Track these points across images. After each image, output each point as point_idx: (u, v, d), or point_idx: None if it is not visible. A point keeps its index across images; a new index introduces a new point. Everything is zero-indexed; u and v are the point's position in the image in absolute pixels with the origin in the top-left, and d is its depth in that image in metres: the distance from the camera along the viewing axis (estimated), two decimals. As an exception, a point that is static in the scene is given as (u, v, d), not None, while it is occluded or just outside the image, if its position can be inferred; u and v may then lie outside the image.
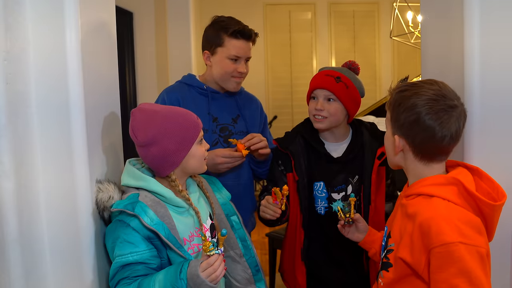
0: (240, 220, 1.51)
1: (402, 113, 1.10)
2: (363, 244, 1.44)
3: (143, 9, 3.65)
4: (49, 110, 1.12)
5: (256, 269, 1.47)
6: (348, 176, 1.64)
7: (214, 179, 1.56)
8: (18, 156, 1.05)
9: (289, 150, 1.65)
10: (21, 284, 1.05)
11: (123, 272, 1.20)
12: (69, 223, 1.17)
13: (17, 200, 1.04)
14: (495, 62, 1.26)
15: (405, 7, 3.95)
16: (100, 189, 1.26)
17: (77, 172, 1.17)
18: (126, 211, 1.20)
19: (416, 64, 5.16)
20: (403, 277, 1.10)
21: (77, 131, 1.16)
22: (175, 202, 1.30)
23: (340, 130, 1.66)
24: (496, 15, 1.26)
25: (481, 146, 1.28)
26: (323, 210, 1.64)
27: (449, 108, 1.08)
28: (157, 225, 1.21)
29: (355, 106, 1.62)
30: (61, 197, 1.15)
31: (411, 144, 1.12)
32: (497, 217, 1.10)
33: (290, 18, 5.50)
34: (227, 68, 1.74)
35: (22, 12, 1.08)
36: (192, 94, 1.80)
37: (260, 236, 3.86)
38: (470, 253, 0.98)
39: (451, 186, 1.08)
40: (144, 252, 1.21)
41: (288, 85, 5.57)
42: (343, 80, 1.59)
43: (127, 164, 1.35)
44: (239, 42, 1.72)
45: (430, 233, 1.02)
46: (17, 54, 1.06)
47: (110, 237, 1.25)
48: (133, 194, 1.26)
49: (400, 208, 1.19)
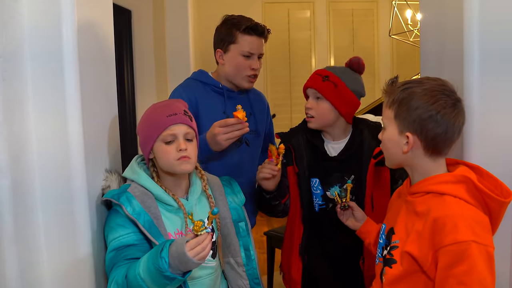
0: (249, 227, 1.47)
1: (415, 110, 1.10)
2: (359, 233, 1.46)
3: (141, 7, 3.64)
4: (46, 108, 1.12)
5: (255, 281, 1.43)
6: (343, 175, 1.62)
7: (232, 181, 1.53)
8: (14, 153, 1.04)
9: (290, 143, 1.66)
10: (16, 282, 1.04)
11: (116, 256, 1.22)
12: (66, 220, 1.16)
13: (13, 198, 1.03)
14: (494, 59, 1.26)
15: (404, 5, 3.95)
16: (106, 177, 1.35)
17: (73, 169, 1.16)
18: (112, 200, 1.27)
19: (415, 62, 5.15)
20: (408, 274, 1.11)
21: (74, 130, 1.16)
22: (164, 200, 1.32)
23: (337, 129, 1.64)
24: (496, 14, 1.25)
25: (480, 144, 1.28)
26: (318, 208, 1.64)
27: (457, 102, 1.11)
28: (138, 215, 1.24)
29: (346, 106, 1.59)
30: (57, 194, 1.14)
31: (423, 141, 1.12)
32: (502, 214, 1.11)
33: (289, 16, 5.49)
34: (241, 65, 1.74)
35: (19, 9, 1.07)
36: (208, 93, 1.78)
37: (258, 234, 3.85)
38: (481, 252, 1.00)
39: (461, 184, 1.09)
40: (133, 233, 1.24)
41: (286, 83, 5.56)
42: (331, 79, 1.57)
43: (133, 159, 1.40)
44: (252, 38, 1.73)
45: (444, 230, 1.03)
46: (13, 51, 1.05)
47: (106, 225, 1.30)
48: (124, 185, 1.33)
49: (405, 205, 1.19)
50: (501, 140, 1.28)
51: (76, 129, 1.16)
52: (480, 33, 1.25)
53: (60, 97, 1.13)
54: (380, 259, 1.23)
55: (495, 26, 1.25)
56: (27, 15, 1.08)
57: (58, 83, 1.13)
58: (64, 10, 1.12)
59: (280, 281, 2.00)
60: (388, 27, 4.10)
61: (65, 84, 1.13)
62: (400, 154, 1.17)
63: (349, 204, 1.46)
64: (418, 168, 1.17)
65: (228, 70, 1.77)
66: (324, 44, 5.56)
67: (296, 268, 1.67)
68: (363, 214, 1.47)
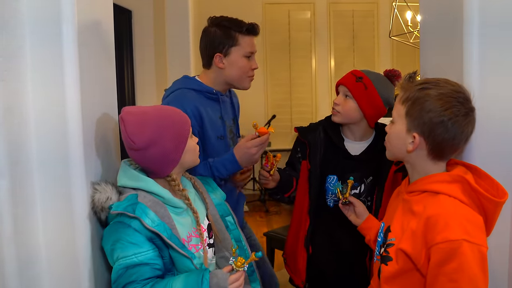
0: (235, 220, 1.51)
1: (427, 113, 1.10)
2: (361, 229, 1.47)
3: (142, 7, 3.65)
4: (45, 108, 1.11)
5: (251, 269, 1.46)
6: (362, 175, 1.67)
7: (209, 179, 1.55)
8: (13, 154, 1.04)
9: (307, 140, 1.71)
10: (15, 283, 1.04)
11: (128, 275, 1.18)
12: (65, 223, 1.16)
13: (11, 198, 1.03)
14: (495, 62, 1.26)
15: (405, 6, 3.95)
16: (97, 189, 1.24)
17: (72, 170, 1.16)
18: (127, 213, 1.18)
19: (415, 64, 5.15)
20: (403, 271, 1.11)
21: (73, 132, 1.15)
22: (173, 203, 1.29)
23: (359, 130, 1.69)
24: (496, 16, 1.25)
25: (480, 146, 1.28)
26: (332, 203, 1.70)
27: (470, 111, 1.11)
28: (159, 226, 1.20)
29: (372, 109, 1.63)
30: (56, 195, 1.14)
31: (429, 144, 1.12)
32: (498, 214, 1.12)
33: (289, 17, 5.50)
34: (245, 67, 1.73)
35: (19, 9, 1.08)
36: (203, 100, 1.72)
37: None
38: (473, 251, 1.00)
39: (456, 184, 1.10)
40: (148, 252, 1.20)
41: (287, 84, 5.57)
42: (364, 81, 1.62)
43: (122, 164, 1.33)
44: (251, 38, 1.73)
45: (436, 229, 1.03)
46: (13, 51, 1.05)
47: (109, 240, 1.22)
48: (131, 195, 1.23)
49: (402, 204, 1.20)
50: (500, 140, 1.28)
51: (76, 130, 1.16)
52: (480, 33, 1.25)
53: (60, 97, 1.13)
54: (378, 257, 1.24)
55: (495, 28, 1.26)
56: (27, 15, 1.08)
57: (58, 84, 1.13)
58: (64, 10, 1.11)
59: (281, 281, 2.01)
60: (388, 28, 4.10)
61: (65, 85, 1.13)
62: (403, 151, 1.18)
63: (349, 200, 1.49)
64: (418, 167, 1.18)
65: (230, 73, 1.73)
66: (325, 45, 5.57)
67: (301, 258, 1.73)
68: (364, 210, 1.49)
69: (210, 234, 1.40)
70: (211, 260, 1.39)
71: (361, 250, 1.66)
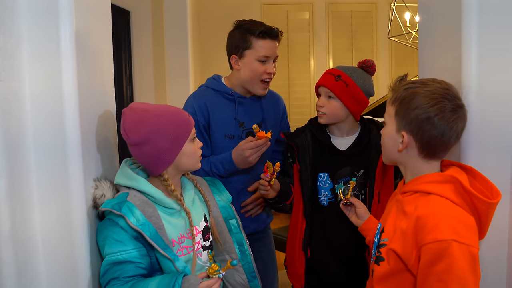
0: (239, 224, 1.50)
1: (413, 110, 1.11)
2: (361, 230, 1.47)
3: (140, 7, 3.64)
4: (43, 108, 1.11)
5: (252, 275, 1.46)
6: (353, 169, 1.68)
7: (216, 181, 1.55)
8: (11, 153, 1.04)
9: (294, 142, 1.72)
10: (13, 282, 1.04)
11: (113, 271, 1.21)
12: (63, 220, 1.16)
13: (9, 198, 1.03)
14: (493, 62, 1.26)
15: (403, 7, 3.96)
16: (96, 186, 1.28)
17: (70, 170, 1.16)
18: (113, 211, 1.21)
19: (414, 64, 5.16)
20: (394, 272, 1.11)
21: (71, 130, 1.15)
22: (165, 203, 1.29)
23: (346, 126, 1.71)
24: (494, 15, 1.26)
25: (477, 147, 1.28)
26: (326, 201, 1.69)
27: (458, 107, 1.11)
28: (143, 226, 1.21)
29: (356, 104, 1.65)
30: (54, 194, 1.14)
31: (418, 141, 1.13)
32: (491, 215, 1.11)
33: (288, 18, 5.50)
34: (257, 70, 1.76)
35: (17, 9, 1.07)
36: (219, 100, 1.81)
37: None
38: (462, 251, 1.00)
39: (448, 184, 1.10)
40: (132, 251, 1.22)
41: (285, 85, 5.57)
42: (343, 78, 1.64)
43: (122, 163, 1.35)
44: (267, 42, 1.75)
45: (425, 229, 1.03)
46: (10, 51, 1.05)
47: (101, 235, 1.26)
48: (122, 194, 1.27)
49: (396, 204, 1.20)
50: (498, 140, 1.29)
51: (74, 129, 1.16)
52: (479, 33, 1.25)
53: (58, 97, 1.13)
54: (374, 257, 1.24)
55: (493, 29, 1.26)
56: (25, 14, 1.08)
57: (56, 84, 1.12)
58: (62, 10, 1.11)
59: (283, 281, 2.00)
60: (387, 29, 4.11)
61: (63, 84, 1.13)
62: (395, 152, 1.18)
63: (350, 201, 1.49)
64: (411, 168, 1.18)
65: (243, 76, 1.78)
66: (323, 46, 5.56)
67: (299, 263, 1.72)
68: (365, 211, 1.48)
69: (206, 236, 1.39)
70: (204, 263, 1.37)
71: (359, 250, 1.66)
